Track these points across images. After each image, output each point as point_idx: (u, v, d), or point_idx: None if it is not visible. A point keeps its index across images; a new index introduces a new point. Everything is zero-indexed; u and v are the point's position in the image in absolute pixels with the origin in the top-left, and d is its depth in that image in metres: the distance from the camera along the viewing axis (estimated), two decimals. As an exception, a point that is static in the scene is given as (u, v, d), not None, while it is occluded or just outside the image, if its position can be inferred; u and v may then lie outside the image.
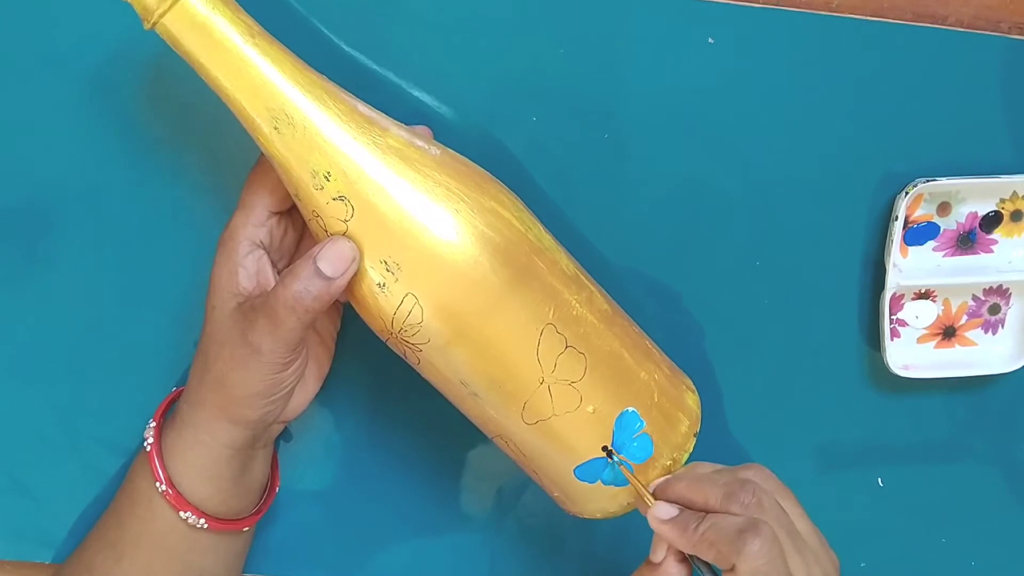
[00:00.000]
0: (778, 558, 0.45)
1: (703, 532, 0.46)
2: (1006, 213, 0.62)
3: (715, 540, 0.46)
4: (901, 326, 0.63)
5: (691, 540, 0.47)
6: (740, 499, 0.47)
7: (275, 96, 0.45)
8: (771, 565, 0.45)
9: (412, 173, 0.46)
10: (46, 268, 0.57)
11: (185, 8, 0.44)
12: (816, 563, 0.48)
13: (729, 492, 0.47)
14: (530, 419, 0.49)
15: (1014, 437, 0.66)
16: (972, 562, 0.67)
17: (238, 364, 0.48)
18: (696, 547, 0.47)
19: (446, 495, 0.62)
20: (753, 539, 0.45)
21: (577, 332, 0.49)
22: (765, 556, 0.45)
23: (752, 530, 0.45)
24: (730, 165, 0.59)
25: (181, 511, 0.51)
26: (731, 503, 0.47)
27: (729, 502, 0.47)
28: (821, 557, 0.48)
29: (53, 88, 0.55)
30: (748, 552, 0.45)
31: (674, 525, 0.47)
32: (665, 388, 0.52)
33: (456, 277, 0.46)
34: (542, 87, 0.57)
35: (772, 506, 0.47)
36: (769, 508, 0.47)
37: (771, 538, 0.45)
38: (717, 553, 0.46)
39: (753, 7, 0.58)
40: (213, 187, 0.56)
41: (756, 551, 0.45)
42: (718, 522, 0.46)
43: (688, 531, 0.47)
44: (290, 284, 0.46)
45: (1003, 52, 0.60)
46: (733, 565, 0.45)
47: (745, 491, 0.47)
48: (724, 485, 0.48)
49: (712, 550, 0.46)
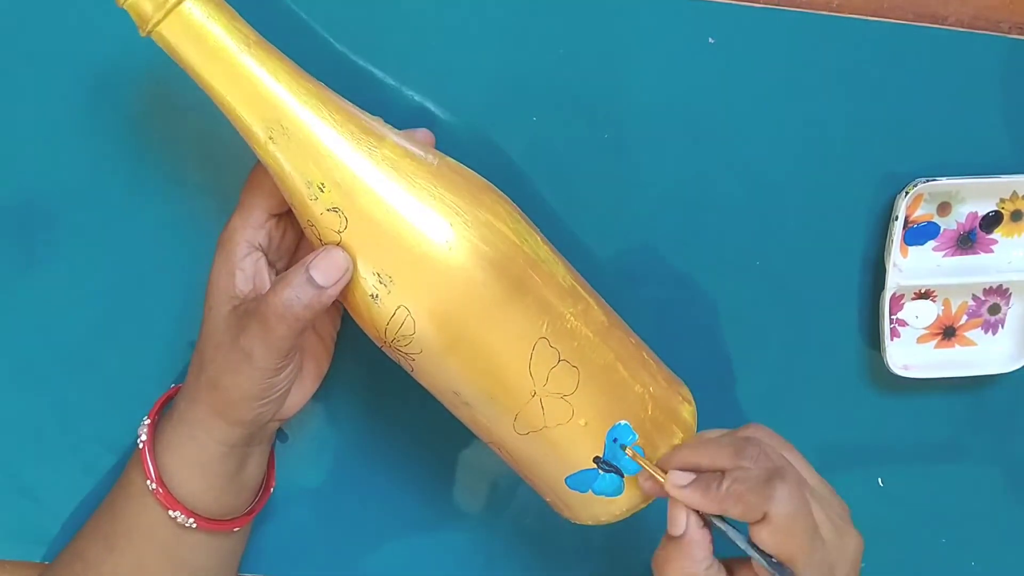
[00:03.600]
0: (804, 503, 0.46)
1: (727, 488, 0.46)
2: (1006, 213, 0.62)
3: (742, 493, 0.46)
4: (901, 326, 0.63)
5: (716, 498, 0.46)
6: (748, 454, 0.47)
7: (270, 106, 0.45)
8: (801, 508, 0.45)
9: (407, 185, 0.46)
10: (46, 268, 0.57)
11: (181, 16, 0.43)
12: (829, 507, 0.48)
13: (736, 450, 0.47)
14: (522, 430, 0.49)
15: (1014, 437, 0.66)
16: (972, 562, 0.67)
17: (231, 367, 0.48)
18: (722, 505, 0.46)
19: (441, 495, 0.62)
20: (781, 484, 0.45)
21: (570, 346, 0.48)
22: (796, 500, 0.45)
23: (778, 476, 0.45)
24: (730, 165, 0.59)
25: (171, 510, 0.51)
26: (741, 459, 0.47)
27: (739, 458, 0.47)
28: (833, 503, 0.49)
29: (53, 89, 0.55)
30: (779, 497, 0.45)
31: (695, 488, 0.47)
32: (660, 400, 0.51)
33: (449, 290, 0.46)
34: (542, 87, 0.57)
35: (779, 458, 0.48)
36: (777, 459, 0.47)
37: (797, 481, 0.46)
38: (745, 506, 0.46)
39: (753, 7, 0.58)
40: (213, 188, 0.56)
41: (787, 495, 0.45)
42: (741, 475, 0.46)
43: (711, 491, 0.47)
44: (281, 291, 0.46)
45: (1003, 52, 0.60)
46: (764, 514, 0.45)
47: (751, 446, 0.47)
48: (729, 445, 0.48)
49: (740, 504, 0.46)
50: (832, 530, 0.47)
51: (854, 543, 0.49)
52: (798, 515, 0.45)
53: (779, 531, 0.45)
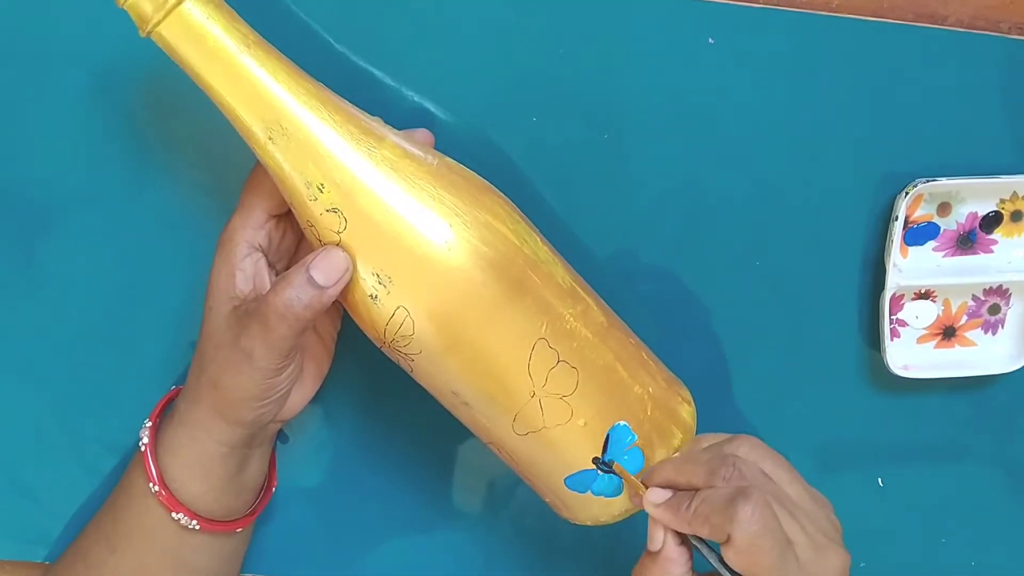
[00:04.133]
0: (772, 521, 0.45)
1: (695, 508, 0.46)
2: (1006, 213, 0.62)
3: (707, 514, 0.46)
4: (901, 326, 0.63)
5: (685, 518, 0.47)
6: (721, 473, 0.47)
7: (269, 107, 0.45)
8: (765, 529, 0.45)
9: (406, 186, 0.46)
10: (46, 268, 0.57)
11: (180, 17, 0.43)
12: (812, 524, 0.47)
13: (710, 469, 0.47)
14: (521, 430, 0.49)
15: (1014, 437, 0.66)
16: (972, 562, 0.67)
17: (231, 368, 0.48)
18: (691, 524, 0.46)
19: (441, 495, 0.62)
20: (744, 505, 0.44)
21: (570, 346, 0.48)
22: (758, 521, 0.44)
23: (741, 497, 0.45)
24: (730, 165, 0.59)
25: (173, 512, 0.51)
26: (714, 478, 0.47)
27: (712, 478, 0.47)
28: (818, 519, 0.48)
29: (53, 89, 0.55)
30: (740, 519, 0.44)
31: (667, 507, 0.48)
32: (659, 401, 0.52)
33: (448, 291, 0.46)
34: (542, 87, 0.57)
35: (755, 475, 0.47)
36: (751, 477, 0.47)
37: (762, 503, 0.45)
38: (711, 527, 0.46)
39: (753, 7, 0.58)
40: (213, 188, 0.56)
41: (748, 516, 0.44)
42: (708, 496, 0.46)
43: (681, 510, 0.47)
44: (282, 291, 0.46)
45: (1003, 52, 0.60)
46: (728, 535, 0.45)
47: (726, 465, 0.47)
48: (706, 463, 0.48)
49: (706, 525, 0.46)
50: (810, 548, 0.46)
51: (837, 562, 0.47)
52: (764, 535, 0.44)
53: (742, 552, 0.45)
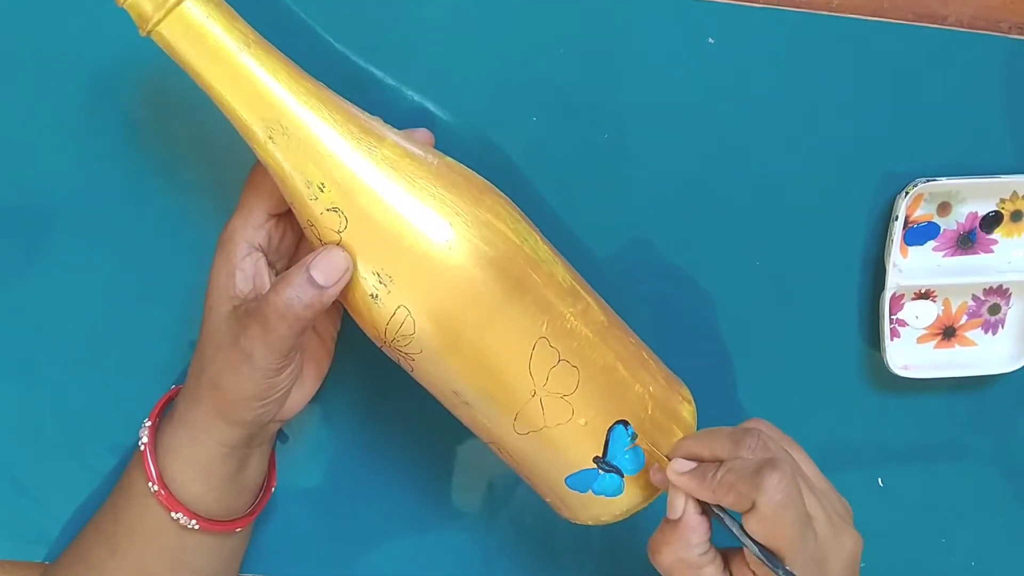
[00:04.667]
0: (796, 494, 0.46)
1: (721, 477, 0.47)
2: (1006, 213, 0.62)
3: (734, 482, 0.46)
4: (901, 326, 0.63)
5: (711, 487, 0.47)
6: (747, 443, 0.47)
7: (269, 106, 0.45)
8: (789, 499, 0.45)
9: (407, 185, 0.46)
10: (46, 268, 0.57)
11: (180, 16, 0.43)
12: (828, 503, 0.48)
13: (735, 440, 0.48)
14: (522, 430, 0.49)
15: (1014, 437, 0.66)
16: (972, 562, 0.67)
17: (231, 368, 0.48)
18: (716, 493, 0.47)
19: (441, 495, 0.62)
20: (771, 473, 0.45)
21: (570, 345, 0.49)
22: (784, 490, 0.45)
23: (768, 466, 0.46)
24: (730, 165, 0.59)
25: (172, 512, 0.51)
26: (739, 449, 0.47)
27: (737, 448, 0.47)
28: (832, 500, 0.49)
29: (53, 89, 0.55)
30: (767, 486, 0.45)
31: (692, 476, 0.48)
32: (660, 400, 0.52)
33: (449, 290, 0.46)
34: (542, 87, 0.57)
35: (778, 449, 0.48)
36: (776, 450, 0.48)
37: (788, 473, 0.46)
38: (737, 495, 0.46)
39: (753, 7, 0.58)
40: (213, 187, 0.56)
41: (775, 484, 0.45)
42: (735, 465, 0.47)
43: (707, 479, 0.47)
44: (282, 291, 0.46)
45: (1003, 52, 0.60)
46: (753, 503, 0.45)
47: (750, 436, 0.48)
48: (729, 435, 0.48)
49: (732, 493, 0.46)
50: (828, 526, 0.48)
51: (851, 542, 0.49)
52: (787, 506, 0.45)
53: (766, 520, 0.45)
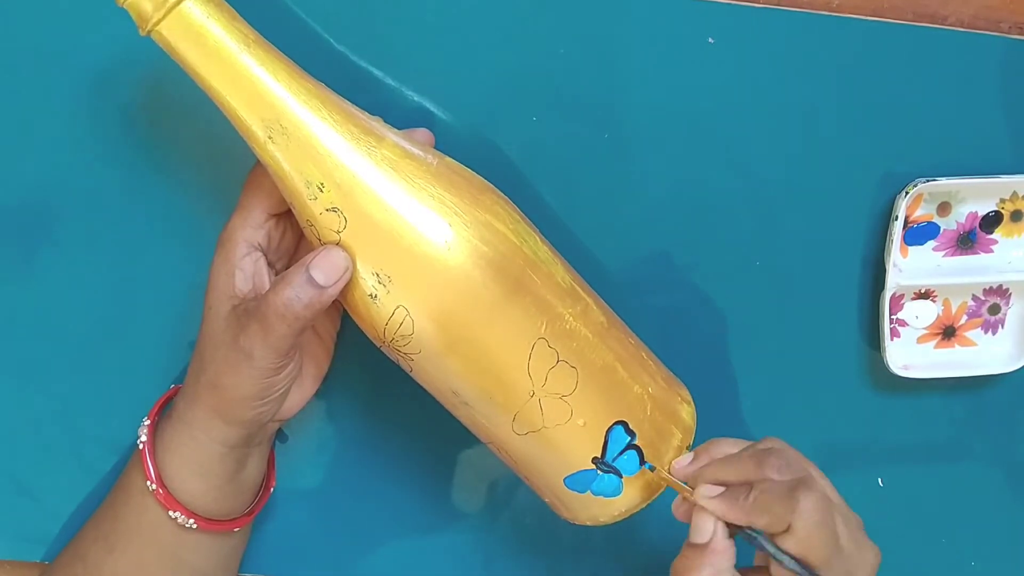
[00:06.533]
0: (829, 514, 0.46)
1: (754, 499, 0.47)
2: (1006, 213, 0.62)
3: (768, 503, 0.46)
4: (901, 326, 0.63)
5: (744, 510, 0.47)
6: (772, 464, 0.47)
7: (269, 106, 0.45)
8: (824, 519, 0.46)
9: (406, 185, 0.46)
10: (46, 268, 0.57)
11: (180, 16, 0.43)
12: (847, 519, 0.48)
13: (759, 462, 0.48)
14: (520, 430, 0.49)
15: (1014, 437, 0.66)
16: (972, 562, 0.67)
17: (231, 367, 0.48)
18: (750, 515, 0.47)
19: (441, 495, 0.62)
20: (807, 495, 0.45)
21: (569, 346, 0.49)
22: (820, 511, 0.45)
23: (803, 487, 0.46)
24: (730, 165, 0.59)
25: (171, 511, 0.51)
26: (765, 470, 0.47)
27: (762, 469, 0.47)
28: (850, 517, 0.49)
29: (53, 89, 0.55)
30: (803, 509, 0.45)
31: (723, 499, 0.48)
32: (659, 401, 0.52)
33: (448, 291, 0.46)
34: (542, 87, 0.57)
35: (802, 469, 0.48)
36: (800, 471, 0.47)
37: (822, 495, 0.46)
38: (772, 517, 0.46)
39: (753, 7, 0.58)
40: (213, 187, 0.56)
41: (812, 506, 0.45)
42: (768, 488, 0.47)
43: (739, 502, 0.47)
44: (282, 291, 0.46)
45: (1003, 52, 0.60)
46: (789, 525, 0.45)
47: (775, 456, 0.48)
48: (751, 457, 0.48)
49: (766, 515, 0.46)
50: (851, 540, 0.48)
51: (872, 556, 0.49)
52: (823, 525, 0.46)
53: (803, 541, 0.46)
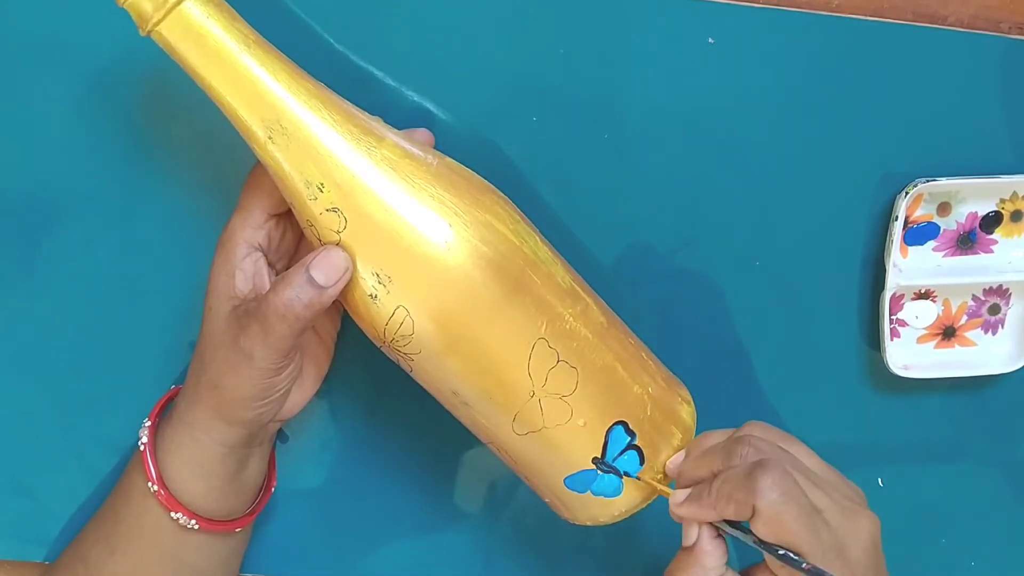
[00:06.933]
0: (793, 488, 0.45)
1: (716, 490, 0.46)
2: (1006, 213, 0.62)
3: (730, 492, 0.46)
4: (901, 326, 0.63)
5: (709, 505, 0.47)
6: (737, 452, 0.47)
7: (269, 106, 0.45)
8: (787, 495, 0.45)
9: (406, 186, 0.46)
10: (46, 268, 0.57)
11: (180, 16, 0.43)
12: (835, 491, 0.47)
13: (728, 452, 0.47)
14: (520, 430, 0.49)
15: (1014, 437, 0.66)
16: (972, 562, 0.67)
17: (231, 368, 0.48)
18: (716, 508, 0.47)
19: (441, 495, 0.62)
20: (762, 474, 0.45)
21: (569, 346, 0.49)
22: (778, 487, 0.45)
23: (759, 468, 0.45)
24: (730, 165, 0.59)
25: (172, 511, 0.51)
26: (731, 459, 0.47)
27: (730, 459, 0.47)
28: (841, 487, 0.48)
29: (53, 88, 0.55)
30: (761, 488, 0.45)
31: (690, 501, 0.48)
32: (659, 401, 0.52)
33: (448, 291, 0.46)
34: (542, 87, 0.57)
35: (772, 449, 0.47)
36: (769, 451, 0.47)
37: (780, 470, 0.45)
38: (736, 504, 0.46)
39: (753, 7, 0.58)
40: (213, 188, 0.56)
41: (769, 484, 0.45)
42: (728, 475, 0.46)
43: (703, 498, 0.47)
44: (282, 291, 0.46)
45: (1003, 52, 0.60)
46: (752, 508, 0.45)
47: (741, 444, 0.47)
48: (723, 448, 0.48)
49: (730, 504, 0.46)
50: (838, 513, 0.47)
51: (867, 524, 0.47)
52: (787, 502, 0.45)
53: (771, 521, 0.45)
